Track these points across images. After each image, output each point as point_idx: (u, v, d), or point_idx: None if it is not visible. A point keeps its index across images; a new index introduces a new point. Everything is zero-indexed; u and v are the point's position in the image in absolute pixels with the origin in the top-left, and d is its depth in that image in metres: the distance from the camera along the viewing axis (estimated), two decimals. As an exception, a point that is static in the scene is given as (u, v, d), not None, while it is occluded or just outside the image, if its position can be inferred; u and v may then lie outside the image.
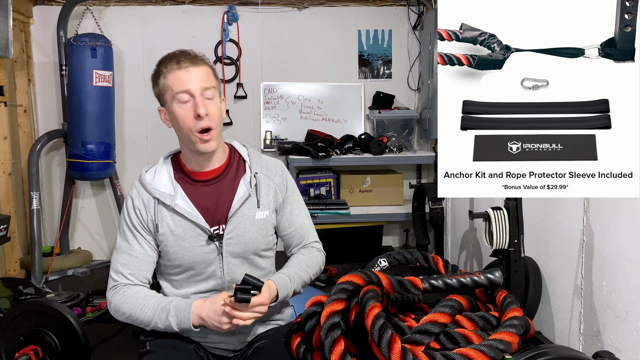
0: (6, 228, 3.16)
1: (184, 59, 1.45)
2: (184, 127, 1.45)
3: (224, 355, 1.59)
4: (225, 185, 1.55)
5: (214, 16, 4.42)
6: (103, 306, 3.17)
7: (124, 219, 1.55)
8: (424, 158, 4.17)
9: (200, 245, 1.51)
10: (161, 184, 1.53)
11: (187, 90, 1.43)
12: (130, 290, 1.49)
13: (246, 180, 1.55)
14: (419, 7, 4.53)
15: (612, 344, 2.08)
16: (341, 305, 1.36)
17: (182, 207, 1.50)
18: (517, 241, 2.37)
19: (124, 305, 1.48)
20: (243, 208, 1.53)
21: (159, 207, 1.50)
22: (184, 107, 1.44)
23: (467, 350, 1.29)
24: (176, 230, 1.50)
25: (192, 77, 1.43)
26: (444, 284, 1.54)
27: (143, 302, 1.46)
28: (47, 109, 4.35)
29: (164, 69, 1.46)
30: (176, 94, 1.43)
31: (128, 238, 1.53)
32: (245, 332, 1.59)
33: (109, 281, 1.54)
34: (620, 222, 2.04)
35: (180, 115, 1.45)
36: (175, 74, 1.43)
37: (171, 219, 1.50)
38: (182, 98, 1.43)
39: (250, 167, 1.58)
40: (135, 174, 1.46)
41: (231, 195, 1.53)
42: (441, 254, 4.04)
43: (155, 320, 1.44)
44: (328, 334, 1.31)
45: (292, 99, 4.53)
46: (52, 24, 4.11)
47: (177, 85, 1.43)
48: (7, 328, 2.13)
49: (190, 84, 1.43)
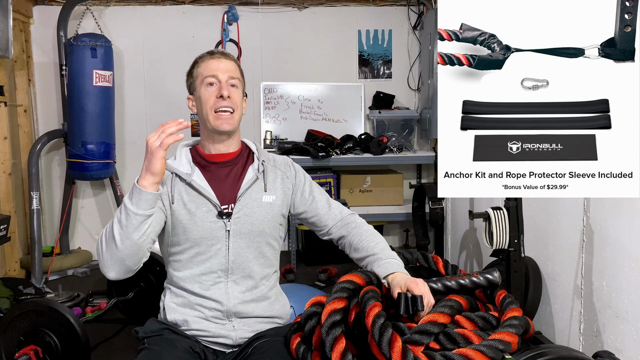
0: (6, 228, 3.17)
1: (218, 52, 1.66)
2: (206, 107, 1.59)
3: (221, 350, 1.60)
4: (237, 170, 1.66)
5: (214, 16, 4.43)
6: (103, 306, 3.17)
7: None
8: (424, 158, 4.17)
9: (210, 220, 1.57)
10: (181, 164, 1.62)
11: (215, 76, 1.59)
12: None
13: (254, 167, 1.66)
14: (419, 7, 4.53)
15: (612, 344, 2.08)
16: (342, 304, 1.36)
17: (197, 183, 1.59)
18: (517, 241, 2.37)
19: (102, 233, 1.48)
20: (251, 190, 1.62)
21: (176, 180, 1.59)
22: (209, 89, 1.59)
23: (467, 350, 1.29)
24: (189, 204, 1.57)
25: (221, 65, 1.61)
26: (443, 286, 1.54)
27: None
28: (47, 109, 4.35)
29: (199, 60, 1.65)
30: (205, 77, 1.60)
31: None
32: (245, 328, 1.59)
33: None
34: (620, 222, 2.04)
35: (205, 97, 1.59)
36: (207, 62, 1.62)
37: (186, 193, 1.58)
38: (209, 81, 1.59)
39: (258, 157, 1.68)
40: (136, 174, 1.47)
41: (241, 178, 1.64)
42: (441, 254, 4.03)
43: (115, 216, 1.44)
44: (329, 332, 1.31)
45: (292, 99, 4.54)
46: (52, 24, 4.11)
47: (207, 71, 1.60)
48: (7, 328, 2.14)
49: (219, 71, 1.60)
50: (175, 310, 1.60)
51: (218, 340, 1.58)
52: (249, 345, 1.57)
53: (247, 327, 1.60)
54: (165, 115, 4.45)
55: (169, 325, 1.60)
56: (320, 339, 1.35)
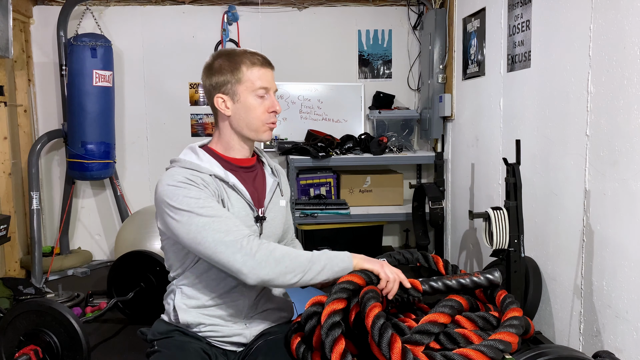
0: (6, 228, 3.17)
1: (266, 60, 1.61)
2: (256, 117, 1.57)
3: (233, 350, 1.59)
4: (259, 174, 1.68)
5: (214, 16, 4.43)
6: (103, 306, 3.17)
7: (197, 196, 1.45)
8: (424, 158, 4.17)
9: (248, 225, 1.56)
10: (212, 166, 1.56)
11: (268, 89, 1.59)
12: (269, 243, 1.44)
13: (268, 172, 1.70)
14: (419, 7, 4.53)
15: (612, 344, 2.08)
16: (342, 305, 1.36)
17: (239, 186, 1.57)
18: (517, 241, 2.37)
19: (278, 249, 1.41)
20: (274, 195, 1.67)
21: (218, 182, 1.54)
22: (261, 101, 1.58)
23: (467, 350, 1.29)
24: (232, 208, 1.54)
25: (271, 77, 1.61)
26: (443, 285, 1.54)
27: (293, 250, 1.43)
28: (47, 109, 4.35)
29: (246, 61, 1.57)
30: (258, 88, 1.57)
31: (215, 207, 1.46)
32: (257, 324, 1.60)
33: (223, 237, 1.40)
34: (620, 222, 2.04)
35: (255, 107, 1.57)
36: (260, 70, 1.58)
37: (227, 196, 1.54)
38: (261, 93, 1.57)
39: (266, 162, 1.72)
40: (136, 174, 1.47)
41: (264, 183, 1.67)
42: (441, 254, 4.04)
43: (313, 260, 1.40)
44: (329, 333, 1.31)
45: (292, 99, 4.53)
46: (52, 24, 4.11)
47: (261, 82, 1.57)
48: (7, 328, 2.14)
49: (271, 83, 1.60)
50: (188, 312, 1.56)
51: (232, 340, 1.58)
52: (254, 343, 1.57)
53: (258, 322, 1.61)
54: (165, 115, 4.45)
55: (179, 326, 1.58)
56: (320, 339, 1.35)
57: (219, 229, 1.40)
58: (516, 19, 2.86)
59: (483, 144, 3.32)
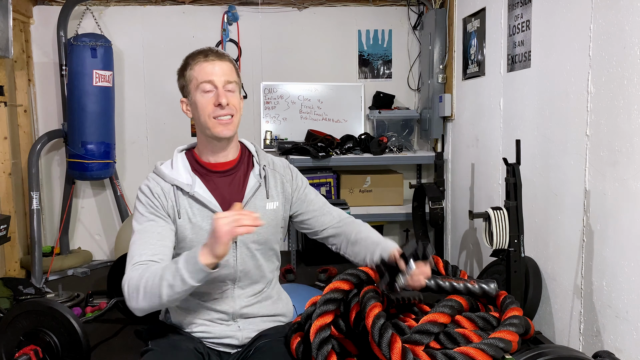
0: (6, 228, 3.16)
1: (211, 53, 1.55)
2: (204, 114, 1.52)
3: (226, 351, 1.59)
4: (238, 177, 1.61)
5: (214, 16, 4.42)
6: (103, 306, 3.17)
7: (143, 205, 1.52)
8: (424, 158, 4.17)
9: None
10: (180, 174, 1.56)
11: (211, 81, 1.51)
12: (150, 266, 1.42)
13: (255, 173, 1.62)
14: (419, 7, 4.53)
15: (612, 344, 2.08)
16: (329, 318, 1.36)
17: (201, 195, 1.54)
18: (517, 241, 2.37)
19: (134, 277, 1.40)
20: (254, 198, 1.59)
21: (178, 194, 1.53)
22: (206, 96, 1.52)
23: (468, 349, 1.29)
24: (194, 218, 1.53)
25: (216, 69, 1.52)
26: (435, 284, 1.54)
27: (156, 270, 1.39)
28: (47, 109, 4.35)
29: (191, 61, 1.55)
30: (200, 83, 1.52)
31: (148, 224, 1.49)
32: (251, 328, 1.59)
33: (127, 262, 1.44)
34: (620, 222, 2.04)
35: (202, 103, 1.52)
36: (201, 65, 1.53)
37: (189, 206, 1.53)
38: (205, 88, 1.51)
39: (259, 162, 1.64)
40: (136, 174, 1.47)
41: (243, 187, 1.60)
42: (441, 254, 4.04)
43: (165, 276, 1.35)
44: (318, 353, 1.32)
45: (292, 99, 4.53)
46: (52, 24, 4.11)
47: (202, 76, 1.51)
48: (7, 328, 2.13)
49: (215, 75, 1.51)
50: (179, 313, 1.59)
51: (224, 342, 1.58)
52: (251, 345, 1.57)
53: (252, 326, 1.60)
54: (165, 115, 4.45)
55: (173, 326, 1.60)
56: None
57: (132, 252, 1.46)
58: (516, 19, 2.86)
59: (483, 144, 3.32)
